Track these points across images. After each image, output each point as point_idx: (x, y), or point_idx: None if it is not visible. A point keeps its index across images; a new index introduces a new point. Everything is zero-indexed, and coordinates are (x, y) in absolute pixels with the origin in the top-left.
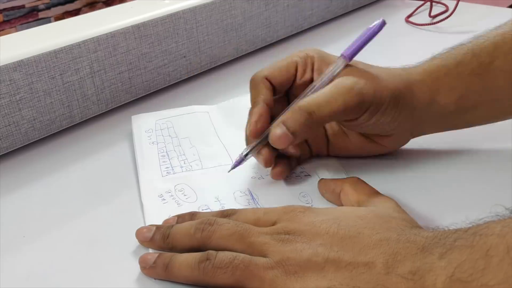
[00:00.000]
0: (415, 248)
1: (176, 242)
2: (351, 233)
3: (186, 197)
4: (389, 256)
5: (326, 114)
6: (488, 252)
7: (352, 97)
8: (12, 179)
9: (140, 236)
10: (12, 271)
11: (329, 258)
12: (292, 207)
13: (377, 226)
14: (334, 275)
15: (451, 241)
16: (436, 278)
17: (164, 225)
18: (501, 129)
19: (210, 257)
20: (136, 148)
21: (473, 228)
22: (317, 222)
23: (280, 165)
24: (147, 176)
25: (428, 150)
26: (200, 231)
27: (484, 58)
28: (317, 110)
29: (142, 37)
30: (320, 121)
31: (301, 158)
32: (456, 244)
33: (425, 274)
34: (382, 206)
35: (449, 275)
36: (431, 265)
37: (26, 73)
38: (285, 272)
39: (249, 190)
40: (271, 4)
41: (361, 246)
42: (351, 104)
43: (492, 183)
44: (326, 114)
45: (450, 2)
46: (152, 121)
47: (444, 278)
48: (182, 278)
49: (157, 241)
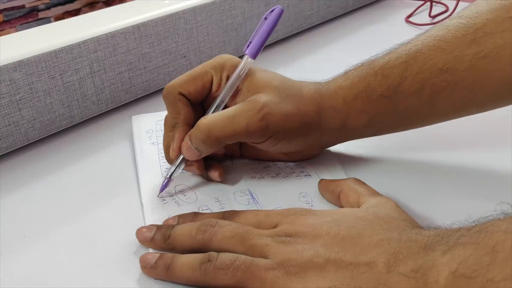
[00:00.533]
0: (417, 247)
1: (177, 243)
2: (352, 234)
3: (186, 198)
4: (390, 256)
5: (227, 135)
6: (494, 248)
7: (256, 122)
8: (12, 179)
9: (140, 236)
10: (12, 271)
11: (330, 258)
12: (293, 209)
13: (377, 227)
14: (335, 275)
15: (454, 238)
16: (438, 274)
17: (164, 226)
18: (502, 129)
19: (212, 259)
20: (136, 149)
21: (478, 226)
22: (318, 224)
23: (216, 166)
24: (147, 176)
25: (427, 150)
26: (201, 232)
27: (392, 80)
28: (215, 130)
29: (142, 37)
30: (221, 141)
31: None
32: (460, 241)
33: (428, 271)
34: (382, 206)
35: (452, 271)
36: (433, 262)
37: (26, 73)
38: (286, 272)
39: (249, 190)
40: (271, 4)
41: (362, 247)
42: (254, 128)
43: (492, 183)
44: (227, 135)
45: (450, 2)
46: (153, 121)
47: (447, 274)
48: (183, 279)
49: (157, 241)
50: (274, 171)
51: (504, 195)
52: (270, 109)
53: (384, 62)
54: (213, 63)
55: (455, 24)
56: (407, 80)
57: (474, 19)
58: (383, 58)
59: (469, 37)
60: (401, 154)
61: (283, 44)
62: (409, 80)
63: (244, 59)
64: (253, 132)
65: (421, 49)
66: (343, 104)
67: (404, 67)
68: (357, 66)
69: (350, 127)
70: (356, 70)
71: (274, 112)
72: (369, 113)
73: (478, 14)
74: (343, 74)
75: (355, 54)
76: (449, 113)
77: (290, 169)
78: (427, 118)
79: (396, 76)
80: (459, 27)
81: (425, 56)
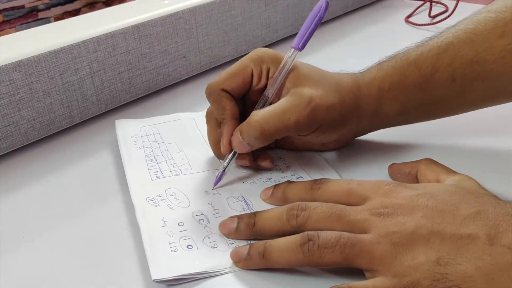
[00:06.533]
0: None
1: (265, 230)
2: (449, 207)
3: (178, 202)
4: (491, 228)
5: (278, 130)
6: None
7: (305, 116)
8: (12, 179)
9: (225, 229)
10: (12, 271)
11: (433, 230)
12: (383, 182)
13: (471, 200)
14: (440, 247)
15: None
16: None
17: (244, 215)
18: (502, 128)
19: (313, 238)
20: (123, 152)
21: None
22: (413, 196)
23: (265, 155)
24: (136, 179)
25: (423, 150)
26: (294, 217)
27: (425, 71)
28: (267, 127)
29: (142, 37)
30: (273, 137)
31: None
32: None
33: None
34: (466, 183)
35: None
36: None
37: (25, 73)
38: (393, 245)
39: (242, 196)
40: (271, 4)
41: (461, 219)
42: (304, 122)
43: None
44: (278, 130)
45: (450, 2)
46: (137, 127)
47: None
48: (283, 263)
49: (242, 230)
50: (266, 175)
51: (505, 195)
52: (317, 102)
53: (417, 54)
54: (252, 57)
55: (485, 17)
56: (439, 71)
57: (503, 13)
58: (416, 50)
59: (498, 30)
60: (400, 155)
61: (283, 44)
62: (441, 71)
63: (291, 52)
64: (303, 126)
65: (452, 42)
66: (378, 93)
67: (436, 58)
68: (391, 57)
69: (383, 116)
70: (391, 61)
71: (320, 105)
72: (402, 102)
73: (507, 8)
74: (377, 65)
75: (355, 54)
76: (478, 103)
77: (281, 173)
78: (457, 107)
79: (429, 67)
80: (488, 20)
81: (456, 48)
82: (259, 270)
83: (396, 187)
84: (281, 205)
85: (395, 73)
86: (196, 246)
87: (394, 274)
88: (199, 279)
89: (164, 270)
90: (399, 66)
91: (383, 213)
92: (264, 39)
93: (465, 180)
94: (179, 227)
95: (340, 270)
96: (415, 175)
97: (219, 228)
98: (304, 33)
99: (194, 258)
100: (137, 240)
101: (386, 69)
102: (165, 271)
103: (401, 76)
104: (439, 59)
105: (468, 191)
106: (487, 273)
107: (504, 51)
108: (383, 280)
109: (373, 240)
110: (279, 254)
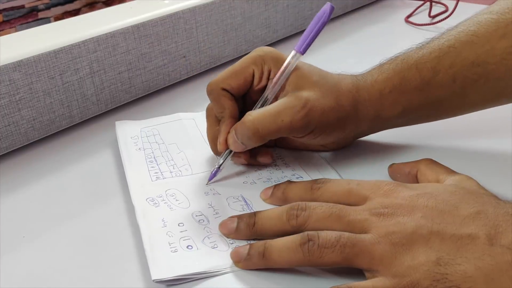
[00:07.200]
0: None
1: (264, 230)
2: (449, 207)
3: (178, 202)
4: (490, 228)
5: (271, 131)
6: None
7: (299, 118)
8: (12, 179)
9: (225, 229)
10: (12, 271)
11: (433, 230)
12: (383, 182)
13: (471, 201)
14: (440, 247)
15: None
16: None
17: (244, 215)
18: (502, 129)
19: (313, 238)
20: (123, 154)
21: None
22: (413, 196)
23: (264, 151)
24: (136, 180)
25: (423, 150)
26: (294, 217)
27: (426, 73)
28: (260, 127)
29: (142, 37)
30: (265, 137)
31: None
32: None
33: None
34: (466, 183)
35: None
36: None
37: (25, 73)
38: (393, 245)
39: (242, 196)
40: (271, 4)
41: (461, 219)
42: (297, 125)
43: (492, 183)
44: (271, 131)
45: (450, 2)
46: (137, 128)
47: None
48: (283, 263)
49: (242, 230)
50: (266, 175)
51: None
52: (312, 105)
53: (418, 57)
54: (254, 56)
55: (486, 19)
56: (439, 73)
57: (505, 15)
58: (417, 53)
59: (500, 31)
60: (399, 155)
61: (283, 44)
62: (442, 73)
63: (292, 54)
64: (296, 128)
65: (454, 44)
66: (379, 97)
67: (437, 61)
68: (391, 59)
69: (383, 118)
70: (391, 64)
71: (315, 108)
72: (403, 104)
73: (509, 9)
74: (378, 67)
75: (355, 54)
76: (479, 104)
77: (281, 173)
78: (458, 108)
79: (430, 70)
80: (490, 22)
81: (457, 51)
82: (259, 270)
83: (396, 187)
84: (281, 205)
85: (396, 76)
86: (196, 246)
87: (394, 274)
88: (199, 279)
89: (164, 270)
90: (399, 69)
91: (383, 213)
92: (264, 39)
93: (465, 180)
94: (179, 227)
95: (340, 270)
96: (415, 175)
97: (219, 228)
98: (307, 37)
99: (194, 258)
100: (137, 240)
101: (387, 72)
102: (165, 271)
103: (402, 79)
104: (440, 62)
105: (468, 191)
106: (487, 273)
107: (505, 53)
108: (383, 280)
109: (373, 240)
110: (279, 254)
